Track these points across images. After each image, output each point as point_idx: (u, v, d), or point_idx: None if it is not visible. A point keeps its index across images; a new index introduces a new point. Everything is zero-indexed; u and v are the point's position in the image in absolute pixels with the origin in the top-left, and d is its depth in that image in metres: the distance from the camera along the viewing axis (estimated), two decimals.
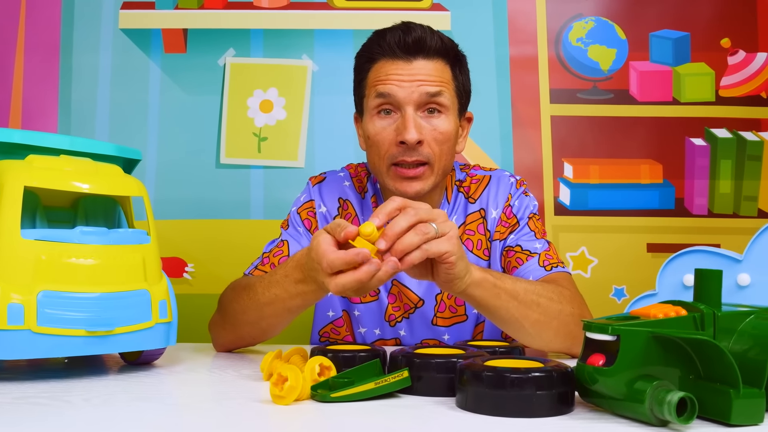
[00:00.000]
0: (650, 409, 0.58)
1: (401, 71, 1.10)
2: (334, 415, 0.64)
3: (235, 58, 1.89)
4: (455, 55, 1.16)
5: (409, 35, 1.10)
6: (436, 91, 1.10)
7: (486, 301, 0.92)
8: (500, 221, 1.21)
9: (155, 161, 1.87)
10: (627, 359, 0.60)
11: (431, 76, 1.10)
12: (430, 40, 1.11)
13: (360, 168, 1.29)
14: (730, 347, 0.63)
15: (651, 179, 1.86)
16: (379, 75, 1.12)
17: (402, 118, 1.10)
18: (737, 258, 0.86)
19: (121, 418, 0.63)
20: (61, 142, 0.89)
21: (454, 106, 1.14)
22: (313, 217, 1.23)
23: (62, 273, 0.80)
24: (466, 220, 1.22)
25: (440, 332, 1.21)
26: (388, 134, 1.11)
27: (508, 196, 1.22)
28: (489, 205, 1.22)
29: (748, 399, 0.59)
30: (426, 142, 1.10)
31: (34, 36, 1.91)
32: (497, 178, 1.25)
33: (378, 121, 1.12)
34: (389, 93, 1.10)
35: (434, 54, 1.11)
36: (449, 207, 1.23)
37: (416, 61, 1.10)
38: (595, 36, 1.88)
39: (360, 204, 1.24)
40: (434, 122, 1.11)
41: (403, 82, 1.09)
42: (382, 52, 1.12)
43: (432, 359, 0.72)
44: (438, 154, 1.11)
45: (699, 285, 0.67)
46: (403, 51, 1.10)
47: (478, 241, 1.21)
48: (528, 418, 0.62)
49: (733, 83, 1.89)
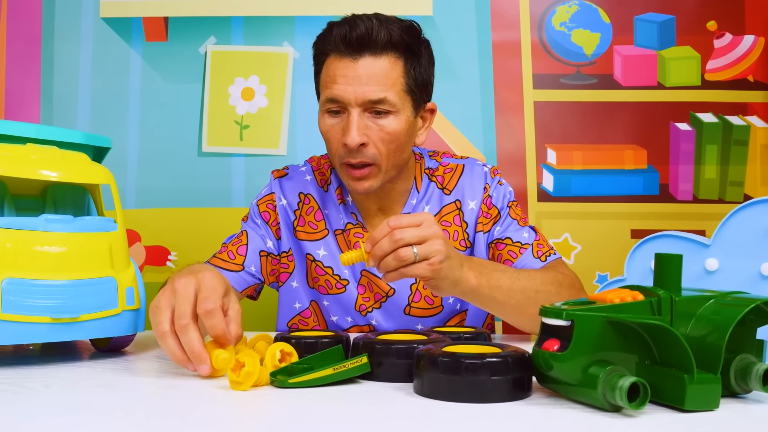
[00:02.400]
0: (603, 394, 0.58)
1: (347, 72, 1.08)
2: (291, 400, 0.64)
3: (216, 46, 1.88)
4: (407, 47, 1.11)
5: (354, 31, 1.07)
6: (379, 99, 1.08)
7: (482, 303, 0.97)
8: (481, 213, 1.21)
9: (137, 150, 1.86)
10: (581, 345, 0.60)
11: (375, 78, 1.08)
12: (377, 34, 1.08)
13: (323, 160, 1.29)
14: (688, 332, 0.63)
15: (635, 165, 1.86)
16: (328, 72, 1.11)
17: (347, 120, 1.09)
18: (705, 243, 0.86)
19: (78, 403, 0.63)
20: (28, 130, 0.89)
21: (405, 103, 1.12)
22: (273, 210, 1.24)
23: (27, 261, 0.80)
24: (441, 211, 1.22)
25: (413, 322, 1.21)
26: (336, 133, 1.12)
27: (485, 186, 1.23)
28: (465, 196, 1.22)
29: (703, 384, 0.59)
30: (372, 143, 1.10)
31: (15, 25, 1.90)
32: (470, 167, 1.25)
33: (327, 118, 1.13)
34: (335, 97, 1.09)
35: (381, 49, 1.09)
36: (419, 196, 1.23)
37: (362, 60, 1.08)
38: (578, 20, 1.87)
39: (322, 197, 1.25)
40: (381, 122, 1.10)
41: (348, 85, 1.08)
42: (331, 47, 1.11)
43: (392, 345, 0.72)
44: (385, 153, 1.11)
45: (659, 270, 0.67)
46: (348, 48, 1.08)
47: (454, 232, 1.21)
48: (483, 403, 0.62)
49: (720, 67, 1.88)
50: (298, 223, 1.23)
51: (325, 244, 1.22)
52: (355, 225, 1.21)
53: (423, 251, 0.85)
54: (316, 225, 1.23)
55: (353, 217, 1.22)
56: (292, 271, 1.24)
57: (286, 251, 1.24)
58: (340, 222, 1.22)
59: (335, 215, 1.23)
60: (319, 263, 1.21)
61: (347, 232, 1.21)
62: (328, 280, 1.21)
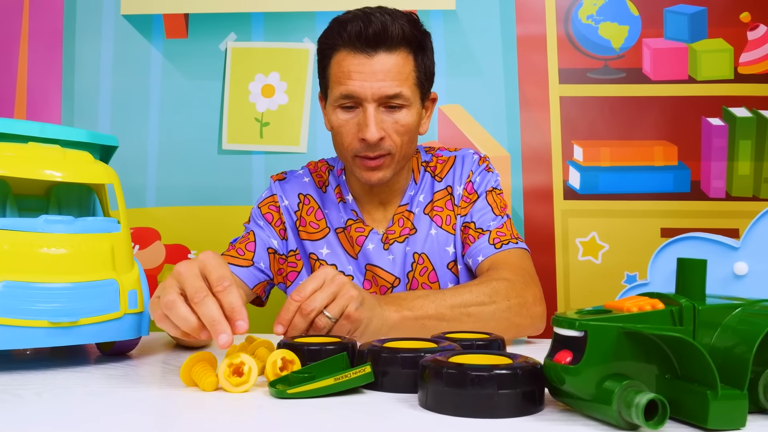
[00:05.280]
0: (618, 411, 0.54)
1: (362, 68, 1.09)
2: (288, 411, 0.61)
3: (237, 43, 1.86)
4: (418, 41, 1.14)
5: (369, 27, 1.08)
6: (395, 94, 1.10)
7: (414, 334, 0.92)
8: (462, 197, 1.24)
9: (157, 147, 1.85)
10: (595, 357, 0.56)
11: (391, 73, 1.10)
12: (392, 28, 1.09)
13: (320, 164, 1.32)
14: (713, 344, 0.59)
15: (665, 161, 1.80)
16: (341, 68, 1.11)
17: (363, 115, 1.11)
18: (734, 245, 0.81)
19: (64, 413, 0.61)
20: (31, 129, 0.87)
21: (416, 95, 1.15)
22: (276, 211, 1.26)
23: (26, 263, 0.78)
24: (433, 198, 1.25)
25: None
26: (351, 128, 1.13)
27: (470, 172, 1.25)
28: (455, 183, 1.25)
29: (728, 401, 0.54)
30: (387, 136, 1.12)
31: (37, 25, 1.90)
32: (462, 156, 1.28)
33: (341, 113, 1.14)
34: (350, 93, 1.10)
35: (396, 45, 1.10)
36: (416, 187, 1.26)
37: (377, 56, 1.10)
38: (606, 13, 1.81)
39: (321, 197, 1.27)
40: (396, 116, 1.12)
41: (364, 81, 1.09)
42: (343, 42, 1.11)
43: (398, 353, 0.68)
44: (399, 144, 1.14)
45: (681, 276, 0.62)
46: (364, 44, 1.09)
47: (446, 216, 1.24)
48: (491, 418, 0.58)
49: (753, 59, 1.81)
50: (300, 223, 1.25)
51: (328, 243, 1.24)
52: (355, 221, 1.24)
53: (336, 309, 0.84)
54: (317, 224, 1.24)
55: (353, 214, 1.24)
56: (301, 269, 1.25)
57: (294, 250, 1.25)
58: (340, 220, 1.24)
59: (335, 214, 1.25)
60: (323, 262, 1.23)
61: (348, 229, 1.23)
62: None
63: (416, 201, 1.25)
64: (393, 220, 1.23)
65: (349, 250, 1.23)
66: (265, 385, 0.71)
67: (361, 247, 1.22)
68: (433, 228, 1.22)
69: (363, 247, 1.22)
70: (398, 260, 1.21)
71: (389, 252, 1.21)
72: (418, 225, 1.23)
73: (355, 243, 1.22)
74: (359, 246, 1.22)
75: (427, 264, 1.20)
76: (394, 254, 1.21)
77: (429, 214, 1.24)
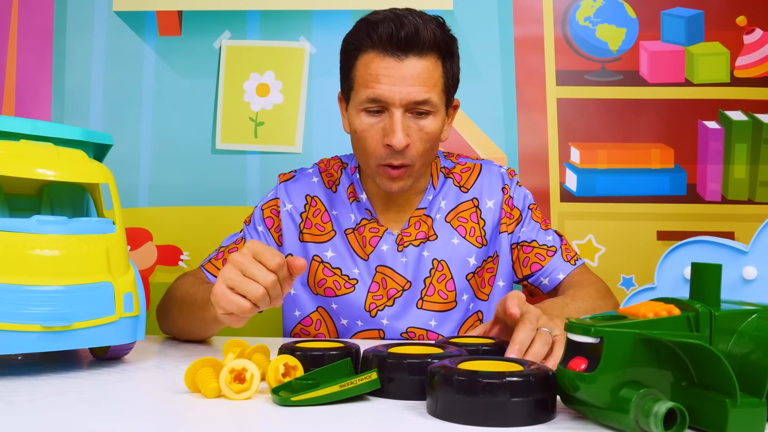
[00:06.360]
0: (635, 420, 0.52)
1: (392, 72, 1.06)
2: (292, 419, 0.59)
3: (231, 41, 1.83)
4: (448, 47, 1.11)
5: (402, 30, 1.05)
6: (423, 100, 1.07)
7: None
8: (503, 213, 1.22)
9: (150, 146, 1.82)
10: (611, 364, 0.54)
11: (420, 78, 1.06)
12: (424, 32, 1.05)
13: (333, 161, 1.28)
14: (729, 350, 0.57)
15: (662, 164, 1.79)
16: (369, 71, 1.07)
17: (390, 120, 1.08)
18: (743, 249, 0.79)
19: (58, 421, 0.58)
20: (23, 126, 0.84)
21: (442, 102, 1.11)
22: (276, 216, 1.23)
23: (17, 265, 0.75)
24: (458, 207, 1.22)
25: (426, 317, 1.18)
26: (375, 133, 1.10)
27: (505, 187, 1.23)
28: (483, 195, 1.23)
29: (747, 409, 0.53)
30: (412, 144, 1.09)
31: (27, 20, 1.86)
32: (488, 168, 1.26)
33: (365, 117, 1.10)
34: (378, 97, 1.07)
35: (427, 50, 1.07)
36: (435, 192, 1.23)
37: (407, 60, 1.06)
38: (603, 15, 1.80)
39: (329, 198, 1.24)
40: (422, 123, 1.09)
41: (393, 86, 1.06)
42: (372, 44, 1.07)
43: (404, 359, 0.67)
44: (422, 152, 1.11)
45: (696, 281, 0.61)
46: (395, 47, 1.06)
47: (471, 228, 1.21)
48: (502, 427, 0.56)
49: (750, 63, 1.81)
50: (305, 225, 1.22)
51: (333, 246, 1.20)
52: (369, 220, 1.21)
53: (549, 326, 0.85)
54: (323, 227, 1.21)
55: (368, 213, 1.21)
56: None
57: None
58: (351, 221, 1.21)
59: (345, 215, 1.22)
60: (327, 264, 1.20)
61: (361, 228, 1.20)
62: (336, 281, 1.19)
63: (436, 207, 1.21)
64: (409, 223, 1.20)
65: (359, 252, 1.19)
66: (267, 392, 0.69)
67: (374, 247, 1.19)
68: (456, 237, 1.19)
69: (376, 248, 1.19)
70: (411, 263, 1.18)
71: (403, 254, 1.19)
72: (438, 232, 1.20)
73: (368, 243, 1.19)
74: (372, 246, 1.19)
75: (446, 272, 1.18)
76: (407, 257, 1.19)
77: (451, 223, 1.21)
